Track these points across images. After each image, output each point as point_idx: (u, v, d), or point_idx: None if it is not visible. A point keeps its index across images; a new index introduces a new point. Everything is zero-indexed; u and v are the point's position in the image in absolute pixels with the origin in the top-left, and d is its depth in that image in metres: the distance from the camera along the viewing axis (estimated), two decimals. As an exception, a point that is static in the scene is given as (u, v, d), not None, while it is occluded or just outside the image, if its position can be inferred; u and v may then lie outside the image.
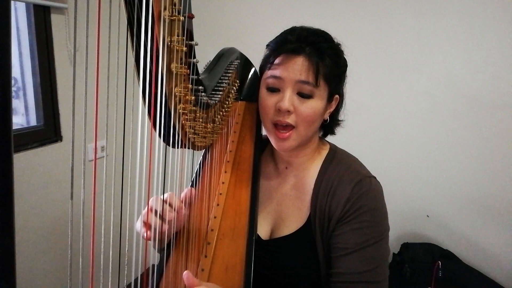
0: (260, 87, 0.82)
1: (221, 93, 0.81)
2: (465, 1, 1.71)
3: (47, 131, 1.75)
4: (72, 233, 0.37)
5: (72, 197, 0.38)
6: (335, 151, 0.87)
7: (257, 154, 0.90)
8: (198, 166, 0.88)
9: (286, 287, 0.79)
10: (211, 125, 0.82)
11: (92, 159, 1.83)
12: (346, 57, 0.82)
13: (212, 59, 0.87)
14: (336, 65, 0.78)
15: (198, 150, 0.80)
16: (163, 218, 0.67)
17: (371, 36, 1.90)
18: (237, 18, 2.19)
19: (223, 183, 0.85)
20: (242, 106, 1.01)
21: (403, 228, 1.97)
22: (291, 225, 0.82)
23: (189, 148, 0.76)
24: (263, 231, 0.85)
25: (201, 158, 0.91)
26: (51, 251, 1.79)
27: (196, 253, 0.72)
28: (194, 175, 0.86)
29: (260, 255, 0.76)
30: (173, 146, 0.68)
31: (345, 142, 0.94)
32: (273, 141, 0.82)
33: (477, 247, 1.82)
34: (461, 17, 1.73)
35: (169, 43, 0.58)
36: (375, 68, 1.92)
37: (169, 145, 0.67)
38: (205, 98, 0.72)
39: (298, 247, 0.80)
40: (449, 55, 1.78)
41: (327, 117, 0.83)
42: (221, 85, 0.83)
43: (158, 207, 0.67)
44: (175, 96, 0.63)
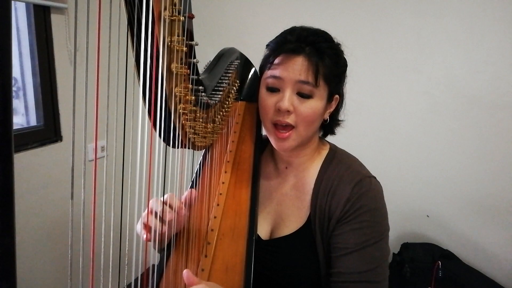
0: (260, 87, 0.82)
1: (221, 93, 0.81)
2: (465, 1, 1.71)
3: (47, 131, 1.75)
4: (72, 233, 0.38)
5: (72, 197, 0.38)
6: (335, 151, 0.87)
7: (257, 154, 0.90)
8: (198, 166, 0.88)
9: (286, 287, 0.79)
10: (211, 125, 0.82)
11: (92, 159, 1.82)
12: (346, 57, 0.82)
13: (212, 59, 0.87)
14: (336, 65, 0.78)
15: (198, 150, 0.80)
16: (162, 219, 0.67)
17: (371, 36, 1.90)
18: (237, 18, 2.19)
19: (223, 183, 0.85)
20: (242, 106, 1.01)
21: (403, 228, 1.97)
22: (291, 225, 0.82)
23: (189, 148, 0.76)
24: (263, 231, 0.85)
25: (201, 158, 0.90)
26: (51, 251, 1.79)
27: (196, 253, 0.72)
28: (194, 175, 0.86)
29: (260, 255, 0.76)
30: (173, 146, 0.68)
31: (345, 142, 0.94)
32: (273, 141, 0.82)
33: (477, 247, 1.82)
34: (461, 17, 1.73)
35: (169, 43, 0.58)
36: (375, 68, 1.92)
37: (169, 145, 0.67)
38: (205, 98, 0.72)
39: (298, 247, 0.80)
40: (449, 55, 1.78)
41: (327, 117, 0.83)
42: (221, 85, 0.83)
43: (157, 209, 0.67)
44: (175, 96, 0.63)
